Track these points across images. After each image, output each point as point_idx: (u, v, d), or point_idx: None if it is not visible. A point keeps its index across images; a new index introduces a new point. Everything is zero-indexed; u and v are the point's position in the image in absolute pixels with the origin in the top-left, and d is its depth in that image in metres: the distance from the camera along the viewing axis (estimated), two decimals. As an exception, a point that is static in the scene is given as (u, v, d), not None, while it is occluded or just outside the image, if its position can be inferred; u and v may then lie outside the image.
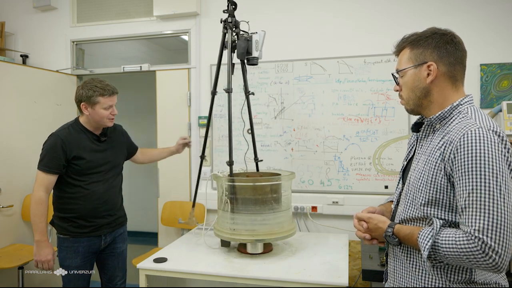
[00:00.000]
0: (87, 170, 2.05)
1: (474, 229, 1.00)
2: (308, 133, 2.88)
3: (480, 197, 1.01)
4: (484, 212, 1.00)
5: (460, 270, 1.12)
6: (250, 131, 2.52)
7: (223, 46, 2.37)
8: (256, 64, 2.33)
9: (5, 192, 2.84)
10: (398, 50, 1.28)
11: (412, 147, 1.34)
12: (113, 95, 2.08)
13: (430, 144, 1.19)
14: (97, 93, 2.01)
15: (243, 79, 2.46)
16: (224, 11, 2.36)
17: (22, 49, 3.52)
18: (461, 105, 1.17)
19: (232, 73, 2.35)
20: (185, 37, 3.23)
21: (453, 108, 1.17)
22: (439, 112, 1.19)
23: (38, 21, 3.52)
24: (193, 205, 2.66)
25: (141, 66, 3.28)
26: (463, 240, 1.02)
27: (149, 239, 4.68)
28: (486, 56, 2.58)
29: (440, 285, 1.14)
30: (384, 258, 1.44)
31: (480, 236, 0.99)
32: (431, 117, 1.21)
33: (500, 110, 2.03)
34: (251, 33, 2.29)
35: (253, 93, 2.52)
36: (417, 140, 1.30)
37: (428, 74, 1.19)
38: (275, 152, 2.94)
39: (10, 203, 2.87)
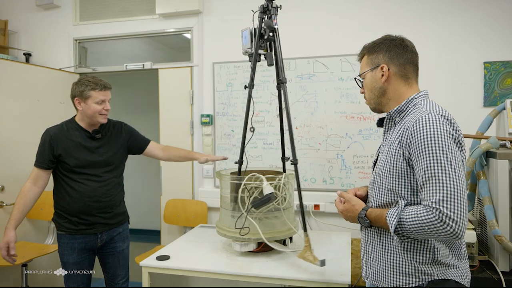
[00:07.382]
0: (77, 168, 2.05)
1: (432, 202, 1.12)
2: (310, 131, 2.88)
3: (434, 172, 1.13)
4: (439, 186, 1.12)
5: (425, 249, 1.24)
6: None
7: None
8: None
9: (8, 189, 2.85)
10: (360, 58, 1.46)
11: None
12: (105, 90, 2.08)
13: (391, 135, 1.32)
14: (89, 87, 2.04)
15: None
16: None
17: (25, 48, 3.53)
18: (416, 98, 1.31)
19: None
20: (188, 35, 3.23)
21: (409, 102, 1.31)
22: (397, 106, 1.33)
23: (41, 19, 3.53)
24: (305, 229, 1.96)
25: (143, 64, 3.28)
26: (423, 213, 1.13)
27: (152, 236, 4.69)
28: (489, 54, 2.57)
29: (408, 267, 1.25)
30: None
31: (437, 207, 1.10)
32: (390, 111, 1.35)
33: (504, 108, 2.01)
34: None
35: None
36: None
37: (382, 75, 1.35)
38: (278, 150, 2.93)
39: (13, 201, 2.86)
